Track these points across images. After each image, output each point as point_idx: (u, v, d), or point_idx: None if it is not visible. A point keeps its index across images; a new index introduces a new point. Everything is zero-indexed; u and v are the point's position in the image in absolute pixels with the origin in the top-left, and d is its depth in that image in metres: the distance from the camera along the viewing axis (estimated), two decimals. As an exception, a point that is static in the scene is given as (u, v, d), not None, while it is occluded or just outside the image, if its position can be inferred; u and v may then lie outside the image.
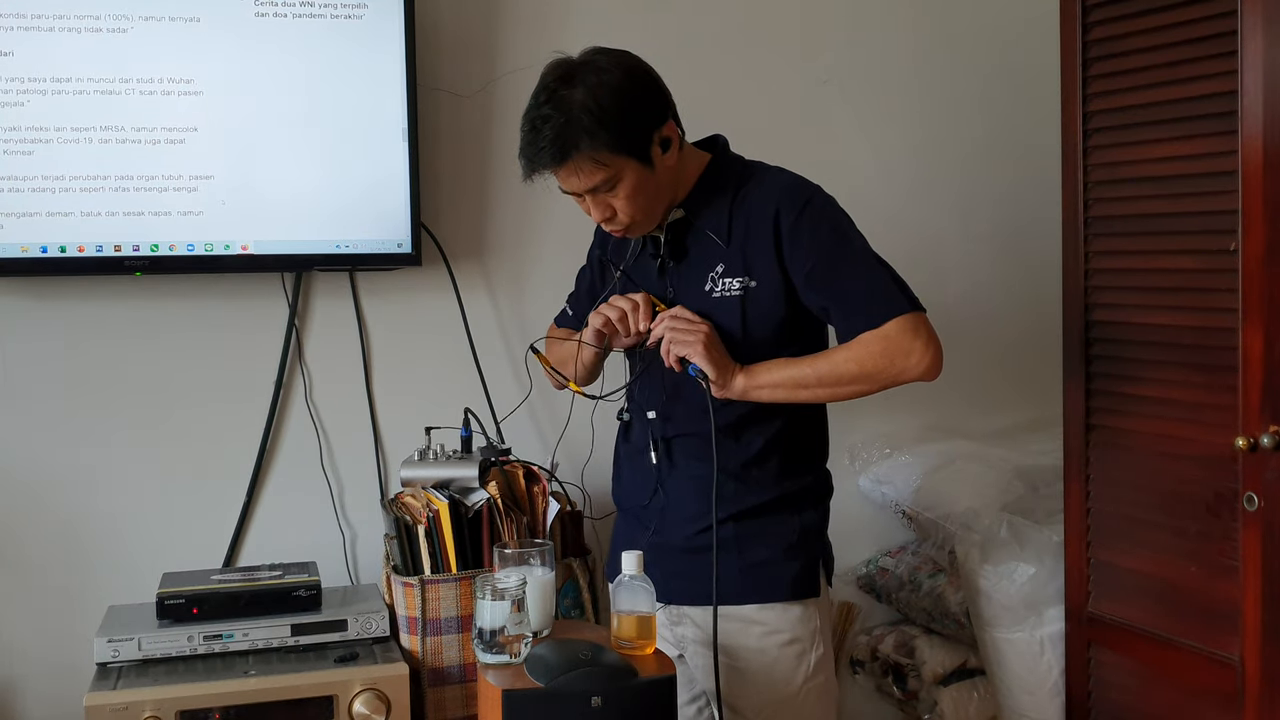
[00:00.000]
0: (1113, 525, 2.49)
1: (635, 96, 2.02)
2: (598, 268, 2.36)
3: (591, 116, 1.96)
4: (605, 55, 2.03)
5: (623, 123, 1.99)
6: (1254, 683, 2.19)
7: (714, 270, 2.12)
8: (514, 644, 2.02)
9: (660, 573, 2.11)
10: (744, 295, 2.09)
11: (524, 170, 2.04)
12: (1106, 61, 2.45)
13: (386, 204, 2.66)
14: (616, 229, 2.11)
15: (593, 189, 2.03)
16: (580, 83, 1.98)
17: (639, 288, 2.19)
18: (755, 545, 2.13)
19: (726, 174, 2.14)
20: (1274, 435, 2.12)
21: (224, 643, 2.35)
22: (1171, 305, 2.35)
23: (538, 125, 1.99)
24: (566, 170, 2.01)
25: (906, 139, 3.11)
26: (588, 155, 1.98)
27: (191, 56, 2.55)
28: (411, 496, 2.53)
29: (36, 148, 2.50)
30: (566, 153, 1.98)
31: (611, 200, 2.05)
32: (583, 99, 1.97)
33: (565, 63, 2.03)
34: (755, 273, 2.09)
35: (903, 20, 3.09)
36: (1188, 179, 2.31)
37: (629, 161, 2.01)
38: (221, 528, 2.71)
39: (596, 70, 2.00)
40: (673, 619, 2.21)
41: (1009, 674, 2.66)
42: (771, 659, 2.13)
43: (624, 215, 2.06)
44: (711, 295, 2.11)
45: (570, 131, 1.96)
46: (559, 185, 2.07)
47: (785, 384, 2.07)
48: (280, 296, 2.73)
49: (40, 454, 2.62)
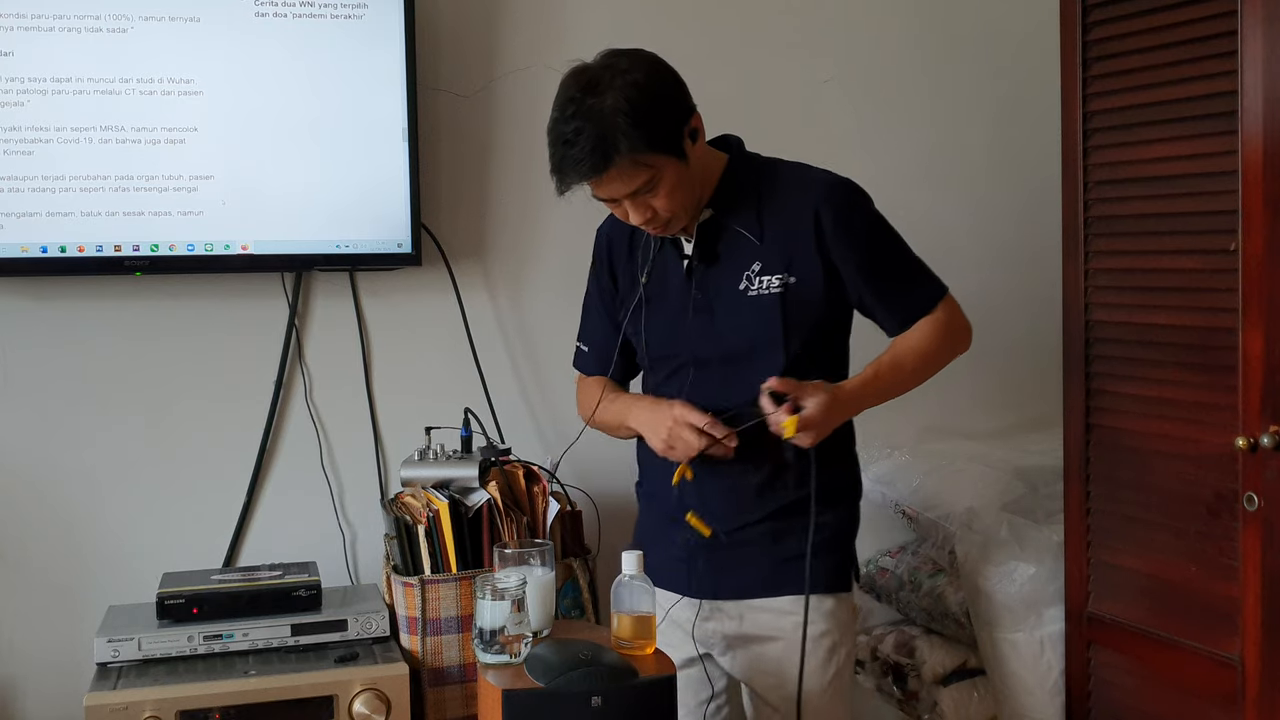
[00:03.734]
0: (1113, 525, 2.49)
1: (663, 92, 2.00)
2: (609, 285, 2.29)
3: (626, 119, 1.93)
4: (624, 56, 2.01)
5: (656, 120, 1.97)
6: (1254, 683, 2.19)
7: (749, 269, 2.10)
8: (514, 644, 2.02)
9: (695, 568, 2.12)
10: (784, 292, 2.08)
11: (559, 186, 2.00)
12: (1106, 61, 2.45)
13: (386, 204, 2.66)
14: (656, 228, 2.08)
15: (634, 192, 2.00)
16: (607, 88, 1.95)
17: (664, 297, 2.17)
18: (789, 540, 2.13)
19: (749, 172, 2.13)
20: (1274, 435, 2.12)
21: (224, 643, 2.35)
22: (1171, 305, 2.35)
23: (571, 139, 1.95)
24: (607, 177, 1.97)
25: (907, 139, 3.11)
26: (628, 158, 1.95)
27: (191, 56, 2.55)
28: (411, 496, 2.53)
29: (36, 148, 2.50)
30: (608, 159, 1.94)
31: (652, 200, 2.02)
32: (613, 103, 1.94)
33: (585, 70, 2.00)
34: (795, 268, 2.08)
35: (903, 20, 3.10)
36: (1188, 179, 2.31)
37: (667, 159, 1.99)
38: (221, 528, 2.71)
39: (620, 72, 1.97)
40: (704, 614, 2.19)
41: (1009, 674, 2.66)
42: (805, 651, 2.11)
43: (665, 213, 2.04)
44: (747, 294, 2.10)
45: (607, 138, 1.93)
46: (592, 194, 2.03)
47: (871, 395, 2.12)
48: (280, 296, 2.73)
49: (40, 454, 2.62)
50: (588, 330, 2.36)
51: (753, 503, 2.14)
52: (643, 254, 2.20)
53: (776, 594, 2.14)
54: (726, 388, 2.12)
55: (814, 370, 2.11)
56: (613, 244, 2.27)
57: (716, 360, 2.14)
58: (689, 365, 2.16)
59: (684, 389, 2.16)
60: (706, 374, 2.15)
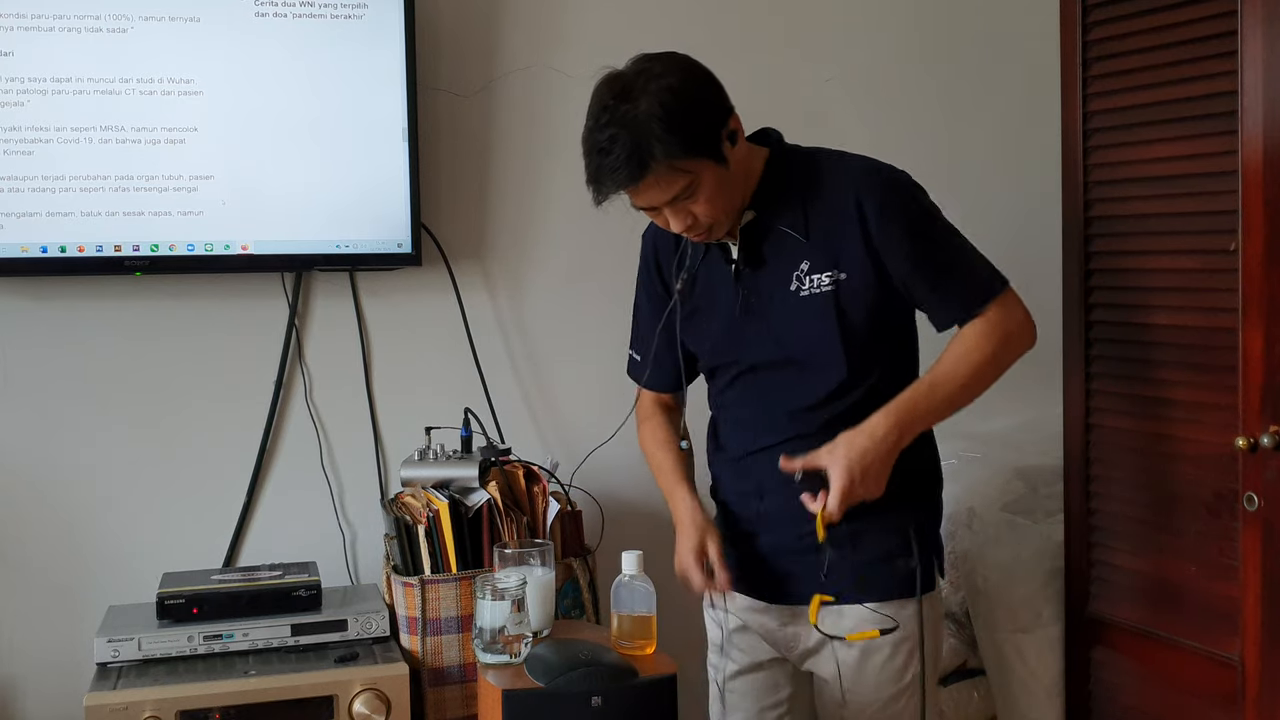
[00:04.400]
0: (1113, 525, 2.49)
1: (698, 95, 1.95)
2: (659, 291, 2.20)
3: (661, 124, 1.88)
4: (657, 61, 1.96)
5: (692, 124, 1.91)
6: (1254, 683, 2.19)
7: (798, 269, 2.04)
8: (514, 644, 2.02)
9: (774, 573, 2.08)
10: (836, 289, 2.02)
11: (596, 196, 1.94)
12: (1106, 61, 2.45)
13: (386, 204, 2.66)
14: (699, 234, 2.02)
15: (673, 199, 1.95)
16: (640, 94, 1.90)
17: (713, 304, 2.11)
18: (869, 542, 2.05)
19: (791, 167, 2.07)
20: (1274, 435, 2.11)
21: (224, 643, 2.35)
22: (1171, 305, 2.35)
23: (606, 147, 1.89)
24: (645, 185, 1.93)
25: (907, 139, 3.10)
26: (664, 164, 1.90)
27: (191, 56, 2.55)
28: (411, 496, 2.53)
29: (36, 148, 2.50)
30: (645, 166, 1.89)
31: (692, 206, 1.96)
32: (648, 108, 1.89)
33: (618, 77, 1.95)
34: (844, 264, 2.02)
35: (903, 20, 3.10)
36: (1188, 179, 2.31)
37: (705, 163, 1.93)
38: (221, 528, 2.71)
39: (654, 77, 1.92)
40: (784, 619, 2.12)
41: (1009, 674, 2.66)
42: (885, 656, 2.07)
43: (706, 219, 1.98)
44: (799, 294, 2.03)
45: (643, 145, 1.88)
46: (631, 203, 1.98)
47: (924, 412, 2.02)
48: (280, 296, 2.73)
49: (40, 454, 2.62)
50: (639, 338, 2.26)
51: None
52: (691, 259, 2.13)
53: (856, 600, 2.05)
54: (787, 393, 2.06)
55: (877, 368, 2.05)
56: (659, 249, 2.20)
57: (775, 365, 2.07)
58: (746, 372, 2.10)
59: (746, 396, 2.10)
60: (765, 379, 2.08)
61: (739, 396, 2.12)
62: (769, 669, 2.17)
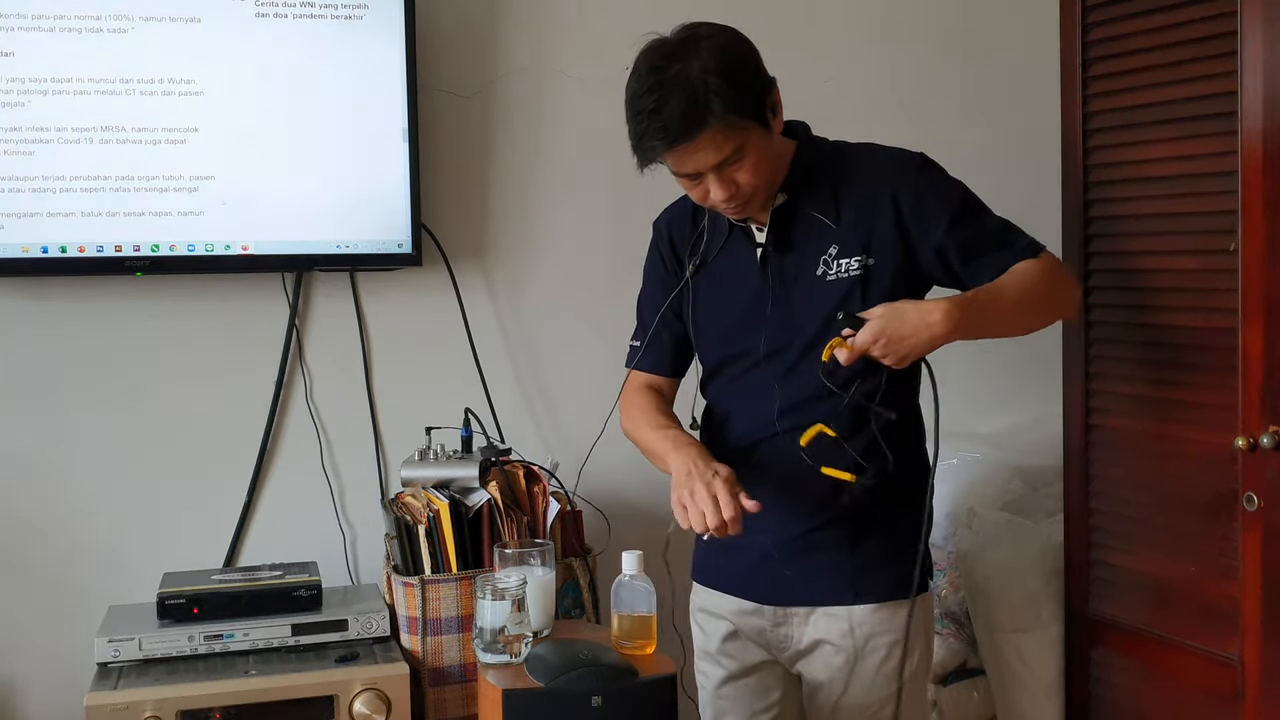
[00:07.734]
0: (1113, 525, 2.49)
1: (749, 57, 1.95)
2: (673, 273, 2.17)
3: (719, 79, 1.86)
4: (702, 25, 1.95)
5: (746, 82, 1.90)
6: (1254, 683, 2.19)
7: (826, 253, 2.03)
8: (514, 644, 2.02)
9: (766, 574, 2.08)
10: (863, 274, 2.01)
11: (641, 160, 1.92)
12: (1106, 62, 2.45)
13: (387, 204, 2.66)
14: (736, 206, 1.99)
15: (721, 162, 1.91)
16: (692, 54, 1.88)
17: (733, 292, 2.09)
18: (865, 544, 2.06)
19: (820, 156, 2.07)
20: (1274, 435, 2.12)
21: (224, 643, 2.35)
22: (1171, 305, 2.35)
23: (656, 107, 1.86)
24: (700, 142, 1.88)
25: (907, 139, 3.08)
26: (720, 121, 1.87)
27: (192, 57, 2.55)
28: (412, 496, 2.53)
29: (36, 148, 2.50)
30: (703, 121, 1.86)
31: (736, 174, 1.94)
32: (701, 66, 1.87)
33: (664, 43, 1.93)
34: (874, 251, 2.01)
35: (903, 21, 3.09)
36: (1188, 179, 2.31)
37: (755, 126, 1.92)
38: (222, 528, 2.71)
39: (703, 38, 1.91)
40: (776, 620, 2.12)
41: (1009, 674, 2.66)
42: (880, 658, 2.07)
43: (748, 186, 1.95)
44: (825, 279, 2.03)
45: (699, 100, 1.86)
46: (672, 170, 1.95)
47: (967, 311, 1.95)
48: (280, 296, 2.73)
49: (40, 454, 2.62)
50: (643, 326, 2.23)
51: (826, 504, 2.04)
52: (708, 245, 2.11)
53: (853, 602, 2.06)
54: (800, 379, 2.03)
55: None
56: (674, 234, 2.18)
57: (793, 351, 2.05)
58: (761, 361, 2.07)
59: (751, 389, 2.08)
60: (779, 368, 2.06)
61: (745, 387, 2.11)
62: (759, 673, 2.16)
